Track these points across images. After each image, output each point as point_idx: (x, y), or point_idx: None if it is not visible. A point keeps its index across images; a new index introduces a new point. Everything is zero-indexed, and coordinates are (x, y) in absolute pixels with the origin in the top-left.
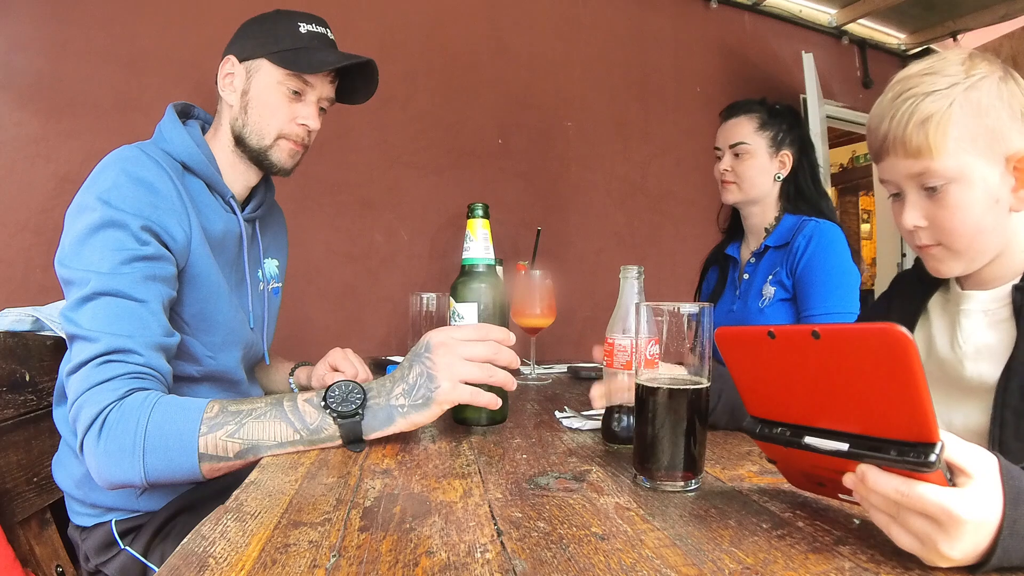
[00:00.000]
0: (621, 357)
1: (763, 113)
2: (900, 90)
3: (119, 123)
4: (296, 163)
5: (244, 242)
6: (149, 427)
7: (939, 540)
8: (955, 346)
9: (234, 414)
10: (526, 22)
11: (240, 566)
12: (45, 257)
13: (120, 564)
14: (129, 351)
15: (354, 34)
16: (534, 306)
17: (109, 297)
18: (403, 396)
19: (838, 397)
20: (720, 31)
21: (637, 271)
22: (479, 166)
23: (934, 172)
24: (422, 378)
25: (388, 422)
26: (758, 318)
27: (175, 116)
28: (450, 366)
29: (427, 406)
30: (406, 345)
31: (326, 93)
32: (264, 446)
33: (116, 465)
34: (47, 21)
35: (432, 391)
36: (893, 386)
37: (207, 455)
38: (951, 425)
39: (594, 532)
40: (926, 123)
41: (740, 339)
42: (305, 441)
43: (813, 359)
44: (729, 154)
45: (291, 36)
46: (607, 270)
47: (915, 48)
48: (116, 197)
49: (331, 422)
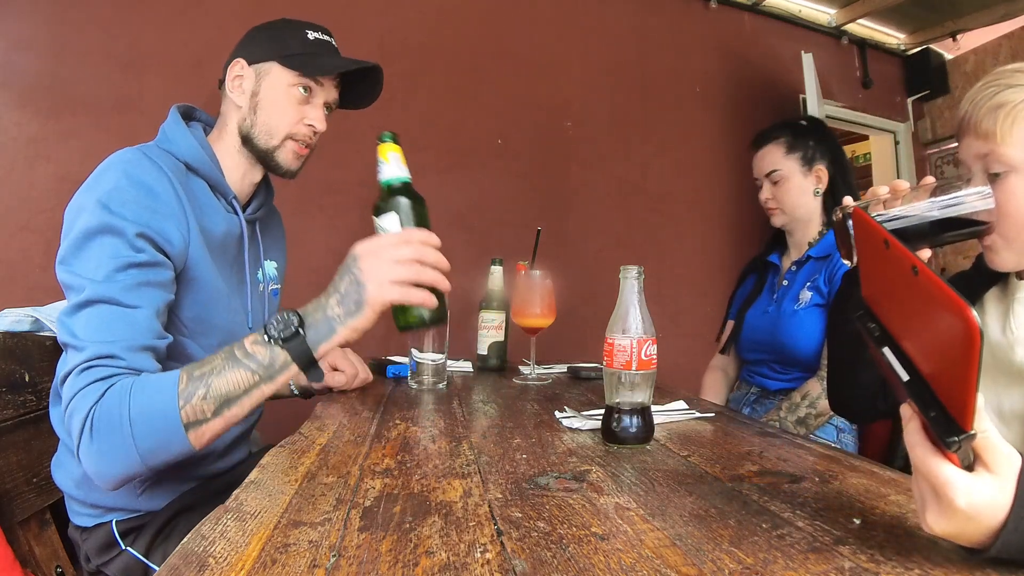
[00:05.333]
0: (621, 357)
1: (788, 136)
2: (990, 79)
3: (119, 123)
4: (301, 166)
5: (245, 242)
6: (132, 414)
7: (929, 508)
8: (1007, 331)
9: (199, 378)
10: (526, 22)
11: (240, 566)
12: (45, 257)
13: (121, 564)
14: (111, 356)
15: (355, 34)
16: (534, 306)
17: (101, 304)
18: (338, 306)
19: (920, 334)
20: (720, 31)
21: (637, 271)
22: (479, 166)
23: (998, 156)
24: (352, 285)
25: (330, 333)
26: (791, 319)
27: (179, 117)
28: (377, 269)
29: (361, 310)
30: (406, 345)
31: (332, 96)
32: (234, 398)
33: (113, 460)
34: (47, 21)
35: (363, 295)
36: (953, 362)
37: (190, 424)
38: (1001, 409)
39: (594, 532)
40: (998, 109)
41: (868, 228)
42: (266, 379)
43: (910, 289)
44: (767, 183)
45: (300, 42)
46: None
47: (915, 48)
48: (115, 201)
49: (280, 351)
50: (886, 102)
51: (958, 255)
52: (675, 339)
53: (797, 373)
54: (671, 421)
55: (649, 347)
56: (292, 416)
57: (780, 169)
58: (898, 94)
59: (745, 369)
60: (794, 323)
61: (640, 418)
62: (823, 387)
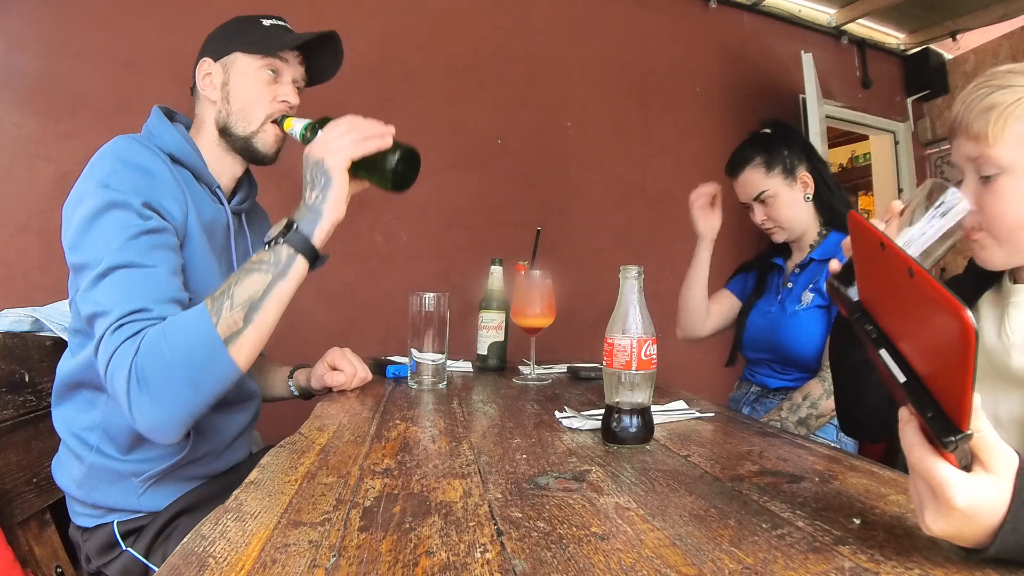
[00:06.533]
0: (621, 357)
1: (762, 154)
2: (982, 80)
3: (118, 124)
4: (279, 148)
5: (231, 232)
6: (172, 350)
7: (927, 508)
8: (1002, 336)
9: (221, 296)
10: (526, 22)
11: (240, 566)
12: (45, 257)
13: (122, 565)
14: (140, 310)
15: (355, 35)
16: (534, 306)
17: (121, 269)
18: (311, 192)
19: (917, 336)
20: (719, 31)
21: (637, 271)
22: (479, 166)
23: (989, 159)
24: (315, 169)
25: (317, 216)
26: (792, 320)
27: (161, 114)
28: (326, 145)
29: (330, 181)
30: (406, 345)
31: (298, 73)
32: (257, 300)
33: (168, 403)
34: (47, 21)
35: (326, 168)
36: (949, 362)
37: (228, 339)
38: (997, 416)
39: (594, 532)
40: (990, 111)
41: (864, 231)
42: (279, 275)
43: (906, 290)
44: (757, 205)
45: (257, 29)
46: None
47: (914, 48)
48: (115, 180)
49: (281, 247)
50: (886, 102)
51: (957, 255)
52: (675, 339)
53: (797, 373)
54: (671, 421)
55: (649, 347)
56: (292, 416)
57: (766, 190)
58: (898, 94)
59: (746, 368)
60: (795, 324)
61: (640, 418)
62: (824, 388)
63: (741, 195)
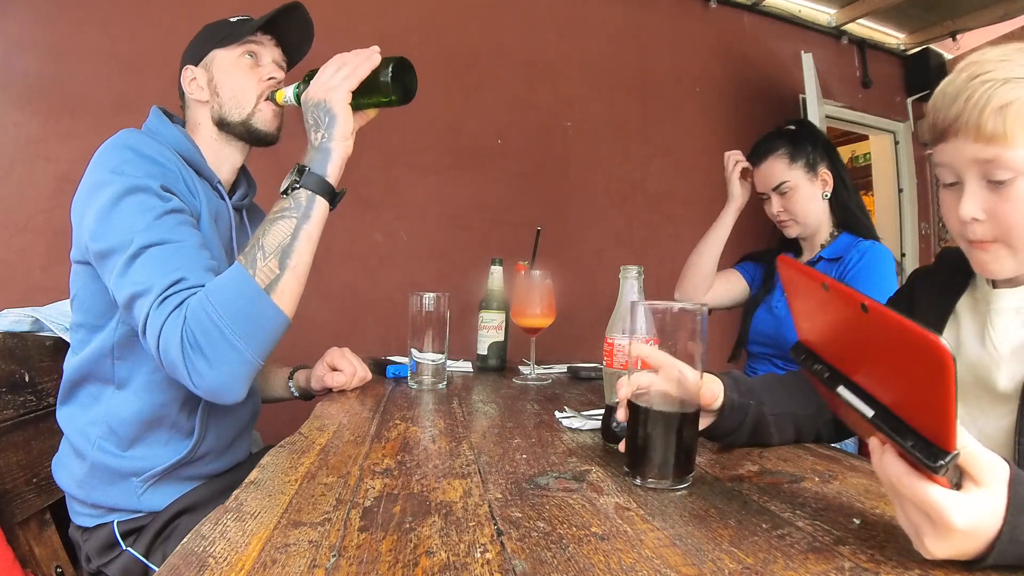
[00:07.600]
0: (621, 357)
1: (787, 145)
2: (976, 72)
3: (119, 124)
4: (279, 125)
5: (233, 228)
6: (218, 311)
7: (926, 535)
8: (988, 347)
9: (251, 249)
10: (525, 22)
11: (240, 566)
12: (45, 257)
13: (122, 565)
14: (180, 280)
15: (355, 35)
16: (534, 306)
17: (153, 248)
18: (316, 132)
19: (877, 368)
20: (719, 31)
21: (637, 271)
22: (479, 166)
23: (1005, 162)
24: (316, 109)
25: (327, 154)
26: None
27: (161, 113)
28: (322, 84)
29: (333, 116)
30: (406, 345)
31: (276, 54)
32: (287, 246)
33: (225, 364)
34: (47, 21)
35: (328, 105)
36: (925, 390)
37: (268, 287)
38: (984, 431)
39: (594, 532)
40: (1005, 109)
41: (797, 275)
42: (303, 218)
43: (859, 326)
44: (775, 196)
45: (226, 27)
46: (607, 270)
47: (914, 48)
48: (129, 168)
49: (299, 192)
50: (886, 102)
51: None
52: None
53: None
54: None
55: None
56: (292, 416)
57: (787, 180)
58: (898, 94)
59: (748, 363)
60: None
61: None
62: None
63: (760, 184)
